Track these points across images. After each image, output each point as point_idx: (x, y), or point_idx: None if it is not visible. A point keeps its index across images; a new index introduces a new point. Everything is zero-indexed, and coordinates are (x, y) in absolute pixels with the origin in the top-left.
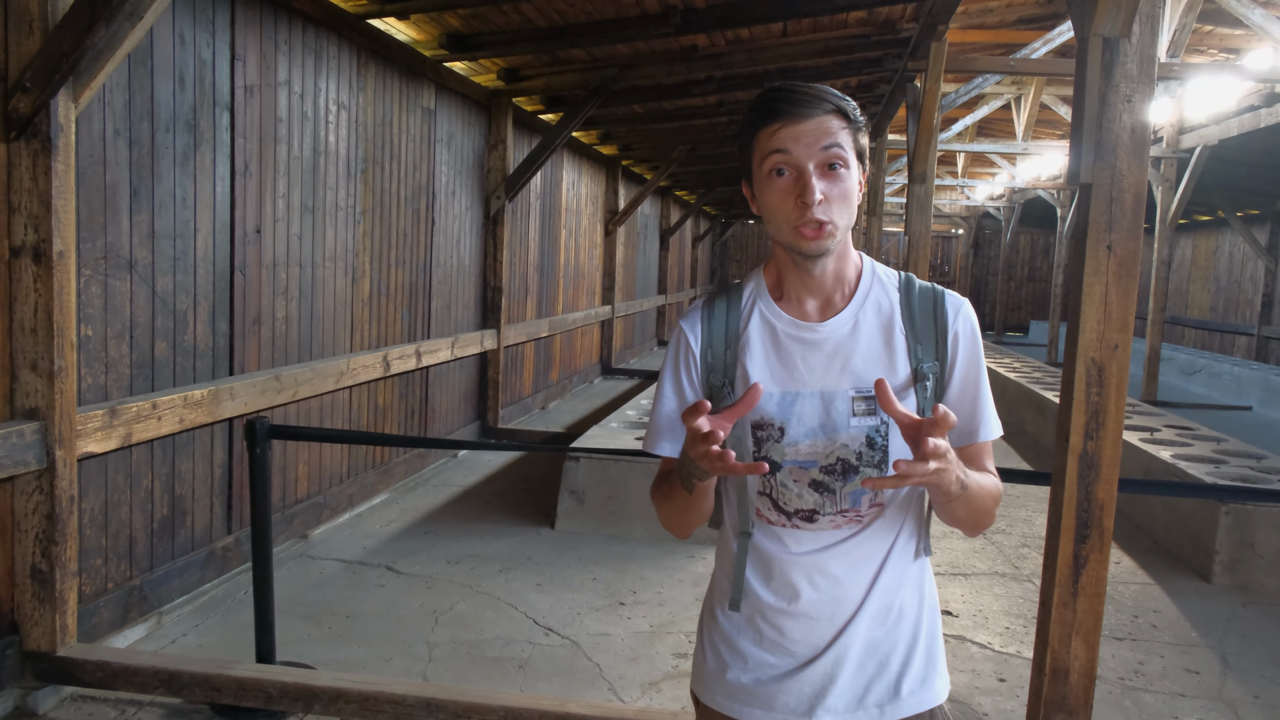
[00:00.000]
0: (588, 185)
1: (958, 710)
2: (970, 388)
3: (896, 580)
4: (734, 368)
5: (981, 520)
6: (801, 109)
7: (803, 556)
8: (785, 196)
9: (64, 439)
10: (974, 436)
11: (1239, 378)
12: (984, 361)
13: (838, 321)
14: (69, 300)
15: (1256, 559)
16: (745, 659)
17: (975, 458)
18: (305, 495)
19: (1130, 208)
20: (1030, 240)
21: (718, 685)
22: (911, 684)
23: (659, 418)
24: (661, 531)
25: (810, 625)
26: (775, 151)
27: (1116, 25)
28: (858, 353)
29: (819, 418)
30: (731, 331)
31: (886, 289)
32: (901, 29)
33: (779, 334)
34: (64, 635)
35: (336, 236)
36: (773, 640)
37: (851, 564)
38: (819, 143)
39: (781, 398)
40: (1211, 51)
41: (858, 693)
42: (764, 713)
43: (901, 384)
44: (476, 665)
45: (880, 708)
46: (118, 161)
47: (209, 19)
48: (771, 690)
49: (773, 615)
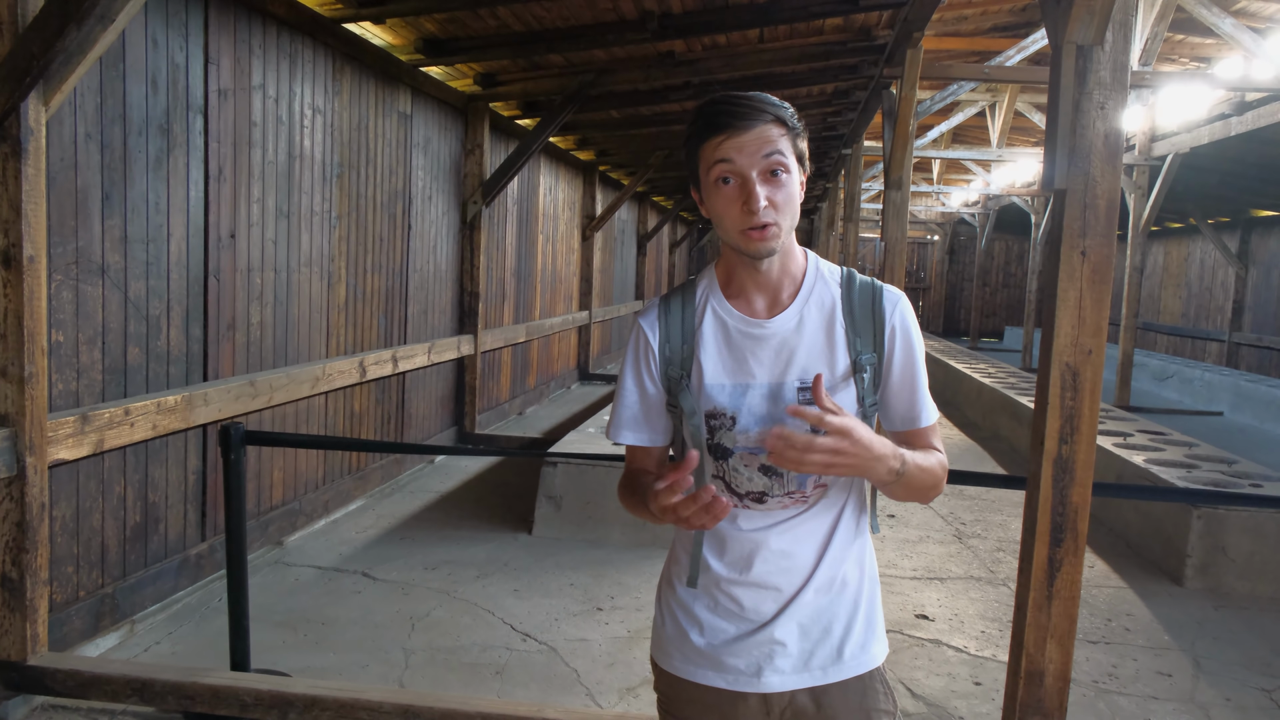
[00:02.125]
0: (565, 190)
1: (934, 714)
2: (908, 378)
3: (840, 554)
4: (690, 361)
5: (926, 496)
6: (742, 120)
7: (754, 533)
8: (731, 203)
9: (35, 446)
10: (915, 422)
11: (1210, 383)
12: (921, 351)
13: (784, 318)
14: (40, 305)
15: (1228, 562)
16: (700, 624)
17: (919, 438)
18: (280, 502)
19: (1104, 213)
20: (1005, 246)
21: (674, 650)
22: (853, 648)
23: (621, 409)
24: (639, 537)
25: (761, 594)
26: (720, 161)
27: (1090, 33)
28: (802, 347)
29: (767, 407)
30: (687, 327)
31: (829, 285)
32: (877, 36)
33: (730, 330)
34: (35, 644)
35: (312, 241)
36: (726, 608)
37: (798, 539)
38: (760, 151)
39: (733, 389)
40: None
41: (804, 656)
42: (716, 674)
43: (842, 375)
44: (453, 671)
45: (824, 669)
46: (89, 165)
47: (182, 22)
48: (723, 653)
49: (727, 585)
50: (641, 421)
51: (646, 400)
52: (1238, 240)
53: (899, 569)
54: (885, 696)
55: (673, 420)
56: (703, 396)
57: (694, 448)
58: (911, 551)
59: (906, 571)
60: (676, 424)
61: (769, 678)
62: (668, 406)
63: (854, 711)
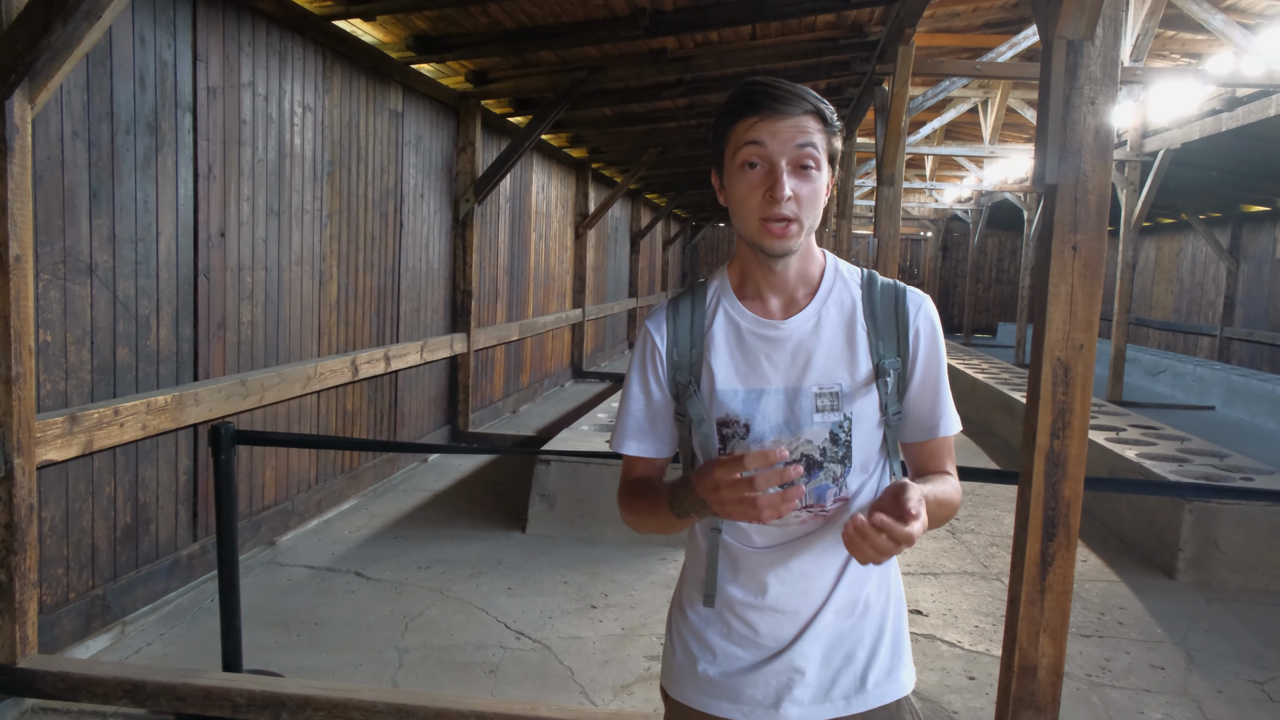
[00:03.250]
0: (558, 188)
1: (928, 709)
2: (931, 383)
3: (862, 575)
4: (699, 366)
5: (940, 524)
6: (781, 105)
7: (769, 551)
8: (755, 189)
9: (22, 446)
10: (934, 432)
11: (1202, 378)
12: (945, 357)
13: (800, 319)
14: (27, 305)
15: (1220, 556)
16: (714, 652)
17: (935, 454)
18: (272, 502)
19: (1095, 208)
20: (998, 243)
21: (686, 679)
22: (878, 676)
23: (626, 418)
24: (633, 535)
25: (778, 619)
26: (750, 143)
27: (1080, 28)
28: (820, 350)
29: (783, 414)
30: (697, 330)
31: (849, 286)
32: (869, 32)
33: (743, 332)
34: (24, 646)
35: (303, 240)
36: (740, 634)
37: (816, 558)
38: (794, 140)
39: (746, 395)
40: (1174, 56)
41: (824, 685)
42: (731, 705)
43: (863, 379)
44: (447, 670)
45: (847, 699)
46: (76, 164)
47: (170, 19)
48: (739, 683)
49: (741, 609)
50: (647, 431)
51: (653, 408)
52: (1229, 235)
53: None
54: None
55: (680, 430)
56: (714, 403)
57: (704, 460)
58: None
59: (900, 567)
60: (685, 434)
61: (787, 709)
62: (675, 415)
63: None
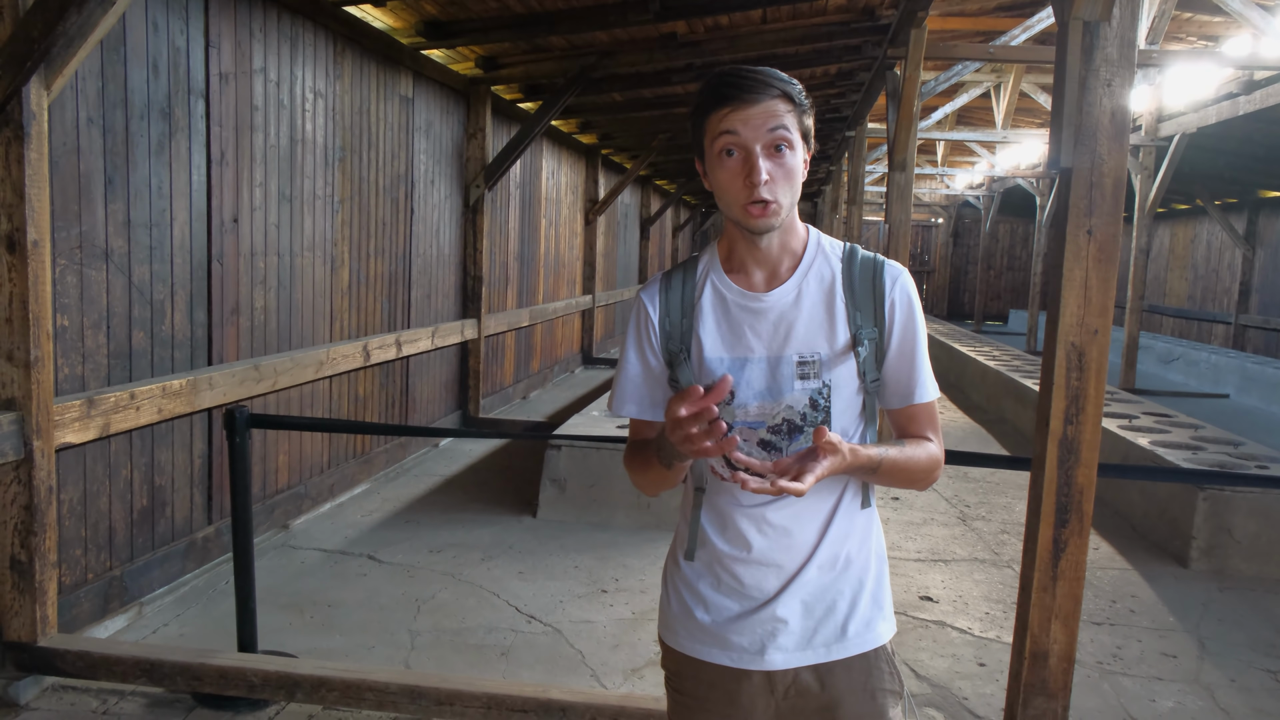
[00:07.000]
0: (567, 174)
1: (938, 695)
2: (907, 352)
3: (844, 531)
4: (689, 335)
5: (915, 485)
6: (749, 94)
7: (752, 509)
8: (734, 176)
9: (41, 429)
10: (911, 398)
11: (1216, 365)
12: (922, 327)
13: (782, 291)
14: (44, 290)
15: (1233, 544)
16: (705, 602)
17: (914, 418)
18: (286, 485)
19: (1110, 192)
20: (1010, 229)
21: (680, 627)
22: (857, 626)
23: (623, 381)
24: (643, 519)
25: (763, 572)
26: (724, 133)
27: (1097, 9)
28: (801, 320)
29: (766, 381)
30: (687, 301)
31: (830, 260)
32: (881, 16)
33: (729, 303)
34: (44, 626)
35: (315, 225)
36: (729, 585)
37: (798, 515)
38: (765, 125)
39: (731, 363)
40: (1190, 39)
41: (807, 633)
42: (720, 651)
43: (841, 348)
44: (459, 653)
45: (828, 647)
46: (92, 150)
47: (182, 6)
48: (727, 631)
49: (728, 563)
50: (644, 394)
51: (649, 373)
52: (1245, 222)
53: (903, 551)
54: (891, 676)
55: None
56: (702, 370)
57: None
58: (915, 534)
59: (911, 554)
60: None
61: (772, 655)
62: (669, 382)
63: (858, 690)
